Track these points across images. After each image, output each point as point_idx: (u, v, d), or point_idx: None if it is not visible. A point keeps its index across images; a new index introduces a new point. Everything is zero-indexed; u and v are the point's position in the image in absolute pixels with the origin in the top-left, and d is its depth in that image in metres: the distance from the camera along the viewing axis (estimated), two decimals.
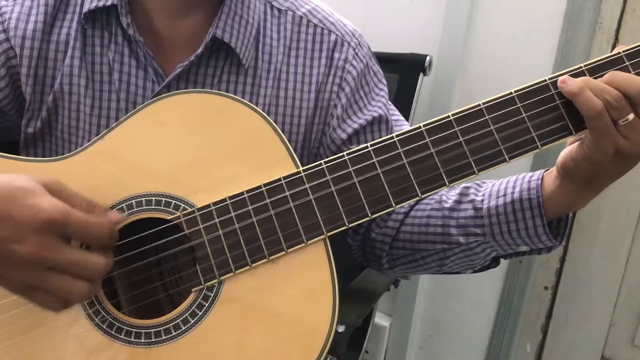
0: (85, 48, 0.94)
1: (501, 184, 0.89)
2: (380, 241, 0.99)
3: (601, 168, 0.78)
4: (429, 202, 0.96)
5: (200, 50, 0.90)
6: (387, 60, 1.59)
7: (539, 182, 0.84)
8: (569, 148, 0.81)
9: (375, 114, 0.99)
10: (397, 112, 1.06)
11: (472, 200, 0.91)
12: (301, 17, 0.98)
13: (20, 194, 0.68)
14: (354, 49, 0.99)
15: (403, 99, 1.59)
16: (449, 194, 0.94)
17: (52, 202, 0.68)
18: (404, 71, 1.63)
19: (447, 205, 0.93)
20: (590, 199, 0.83)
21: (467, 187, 0.93)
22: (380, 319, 2.04)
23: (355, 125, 0.98)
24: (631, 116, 0.74)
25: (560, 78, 0.78)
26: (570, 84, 0.76)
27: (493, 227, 0.88)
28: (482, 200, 0.89)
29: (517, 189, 0.86)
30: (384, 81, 1.05)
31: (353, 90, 0.98)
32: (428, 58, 1.61)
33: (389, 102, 1.04)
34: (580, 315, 1.81)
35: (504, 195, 0.87)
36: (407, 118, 1.57)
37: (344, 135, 0.98)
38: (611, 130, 0.75)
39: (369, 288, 1.41)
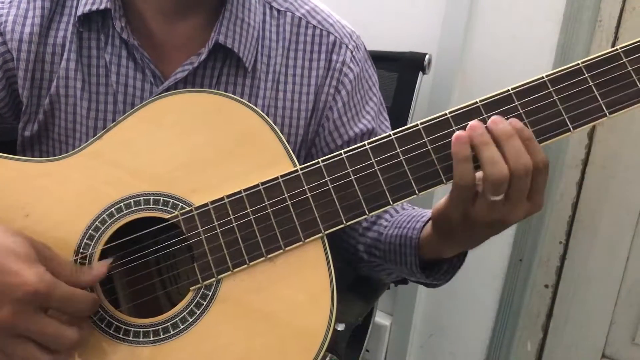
0: (81, 51, 0.93)
1: (407, 215, 0.93)
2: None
3: (453, 225, 0.79)
4: None
5: (204, 56, 0.90)
6: (386, 59, 1.59)
7: (423, 224, 0.87)
8: (441, 201, 0.81)
9: (370, 126, 1.00)
10: (387, 122, 1.06)
11: (380, 224, 0.96)
12: (300, 18, 0.98)
13: (11, 258, 0.68)
14: (352, 52, 0.99)
15: (402, 98, 1.59)
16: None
17: (39, 274, 0.68)
18: (403, 70, 1.63)
19: (364, 224, 0.98)
20: (456, 251, 0.85)
21: (386, 211, 0.97)
22: (380, 318, 2.04)
23: (351, 133, 0.99)
24: (499, 198, 0.74)
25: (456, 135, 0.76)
26: (459, 147, 0.75)
27: (386, 253, 0.92)
28: (386, 227, 0.94)
29: (409, 226, 0.90)
30: (377, 86, 1.06)
31: (350, 94, 0.99)
32: (427, 57, 1.60)
33: (381, 109, 1.05)
34: (581, 313, 1.81)
35: (400, 227, 0.91)
36: (406, 117, 1.57)
37: (339, 141, 0.99)
38: (470, 201, 0.76)
39: (369, 287, 1.41)
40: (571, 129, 0.77)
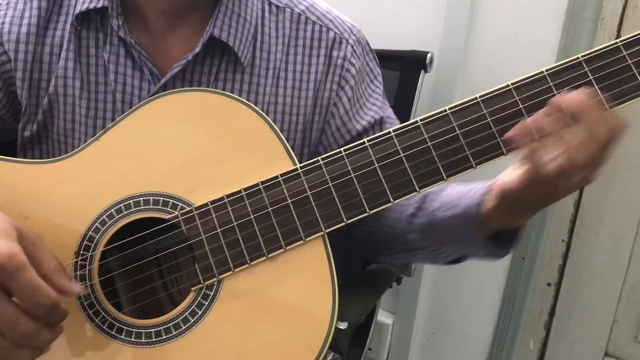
0: (79, 50, 0.93)
1: (455, 193, 0.90)
2: (362, 233, 1.01)
3: (530, 200, 0.78)
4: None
5: (198, 49, 0.90)
6: (387, 58, 1.58)
7: (482, 198, 0.84)
8: (504, 178, 0.79)
9: (377, 116, 1.00)
10: (391, 112, 1.05)
11: (428, 208, 0.93)
12: (299, 14, 0.98)
13: None
14: (352, 46, 0.99)
15: (404, 97, 1.59)
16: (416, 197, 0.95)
17: (12, 249, 0.64)
18: (404, 68, 1.62)
19: (409, 212, 0.95)
20: (525, 220, 0.83)
21: (427, 194, 0.94)
22: (383, 317, 2.04)
23: (359, 127, 0.98)
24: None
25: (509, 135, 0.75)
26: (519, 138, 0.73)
27: (445, 235, 0.90)
28: (439, 209, 0.91)
29: (464, 204, 0.86)
30: (380, 78, 1.05)
31: (354, 89, 0.98)
32: (429, 55, 1.60)
33: (385, 101, 1.04)
34: (584, 312, 1.81)
35: (453, 207, 0.88)
36: (408, 116, 1.57)
37: (347, 137, 0.98)
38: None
39: (372, 285, 1.40)
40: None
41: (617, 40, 0.77)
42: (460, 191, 0.89)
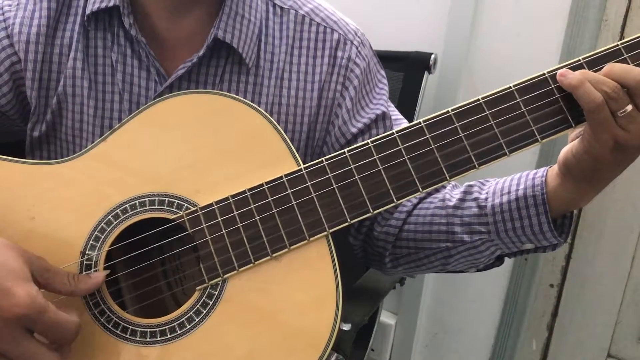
0: (88, 50, 0.94)
1: (505, 181, 0.89)
2: (383, 240, 0.99)
3: (601, 162, 0.77)
4: (433, 200, 0.96)
5: (202, 52, 0.90)
6: (391, 59, 1.58)
7: (543, 178, 0.84)
8: (569, 144, 0.81)
9: (379, 112, 1.00)
10: (396, 111, 1.06)
11: (476, 199, 0.91)
12: (304, 16, 0.98)
13: (5, 275, 0.66)
14: (357, 48, 0.99)
15: (408, 98, 1.59)
16: (452, 193, 0.95)
17: (30, 295, 0.66)
18: (408, 69, 1.63)
19: (450, 204, 0.93)
20: (593, 196, 0.83)
21: (471, 186, 0.93)
22: (385, 318, 2.04)
23: (360, 125, 0.98)
24: (629, 107, 0.74)
25: (559, 71, 0.78)
26: (570, 77, 0.76)
27: (497, 224, 0.88)
28: (486, 198, 0.89)
29: (522, 187, 0.86)
30: (385, 80, 1.05)
31: (357, 89, 0.98)
32: (433, 56, 1.60)
33: (389, 101, 1.05)
34: (586, 312, 1.80)
35: (508, 192, 0.87)
36: (412, 116, 1.57)
37: (348, 135, 0.98)
38: (610, 122, 0.75)
39: (375, 286, 1.40)
40: (573, 124, 0.78)
41: (619, 43, 0.78)
42: (512, 177, 0.89)
